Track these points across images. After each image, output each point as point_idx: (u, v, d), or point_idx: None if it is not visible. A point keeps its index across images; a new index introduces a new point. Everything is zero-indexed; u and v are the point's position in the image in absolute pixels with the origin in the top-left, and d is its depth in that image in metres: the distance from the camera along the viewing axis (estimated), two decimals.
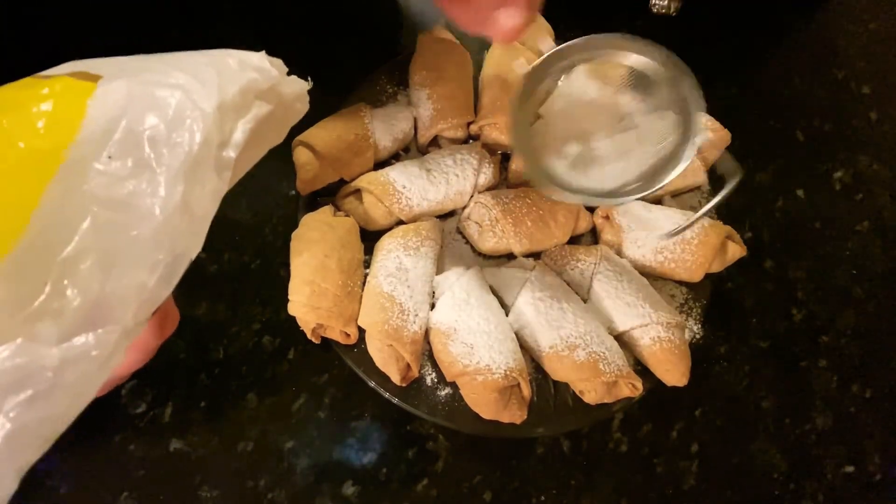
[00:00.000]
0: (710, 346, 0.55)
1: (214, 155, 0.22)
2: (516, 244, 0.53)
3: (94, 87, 0.22)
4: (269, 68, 0.25)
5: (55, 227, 0.20)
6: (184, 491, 0.48)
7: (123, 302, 0.21)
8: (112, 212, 0.21)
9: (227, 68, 0.24)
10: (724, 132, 0.57)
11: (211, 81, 0.23)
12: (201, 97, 0.22)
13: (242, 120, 0.23)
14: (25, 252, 0.19)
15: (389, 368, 0.48)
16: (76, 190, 0.20)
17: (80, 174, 0.21)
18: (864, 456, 0.53)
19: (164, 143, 0.21)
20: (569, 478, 0.50)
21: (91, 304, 0.20)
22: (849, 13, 0.73)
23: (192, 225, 0.22)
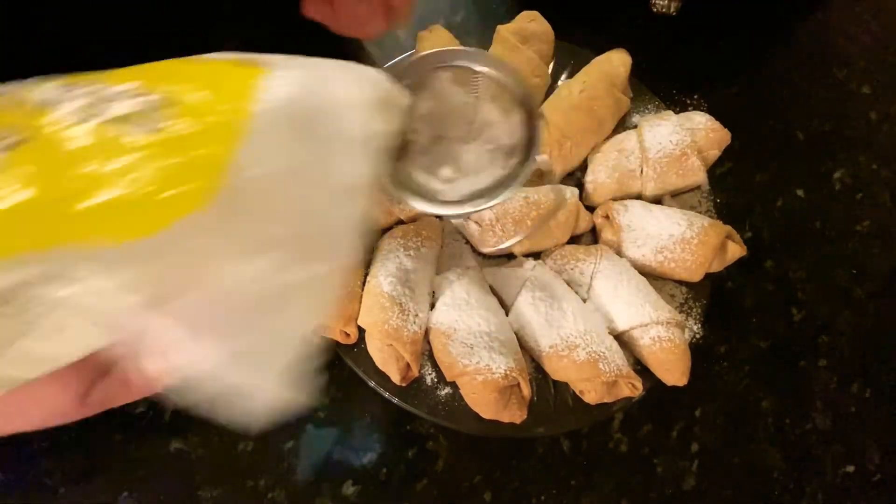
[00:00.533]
0: (710, 346, 0.55)
1: (373, 140, 0.26)
2: (516, 244, 0.53)
3: (271, 70, 0.24)
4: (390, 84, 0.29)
5: (253, 177, 0.22)
6: (184, 491, 0.48)
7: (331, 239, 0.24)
8: (295, 174, 0.23)
9: (371, 76, 0.28)
10: (724, 132, 0.57)
11: (366, 80, 0.27)
12: (363, 89, 0.26)
13: (384, 119, 0.27)
14: (236, 192, 0.21)
15: (389, 368, 0.48)
16: (265, 148, 0.22)
17: (267, 136, 0.22)
18: (864, 456, 0.53)
19: (335, 120, 0.24)
20: (569, 478, 0.50)
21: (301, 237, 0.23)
22: (849, 13, 0.73)
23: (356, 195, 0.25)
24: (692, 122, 0.57)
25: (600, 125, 0.57)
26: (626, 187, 0.56)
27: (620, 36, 0.68)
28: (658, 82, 0.63)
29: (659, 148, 0.55)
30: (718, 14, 0.71)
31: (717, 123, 0.57)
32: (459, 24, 0.68)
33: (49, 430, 0.49)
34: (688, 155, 0.55)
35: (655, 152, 0.55)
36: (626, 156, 0.56)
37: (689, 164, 0.55)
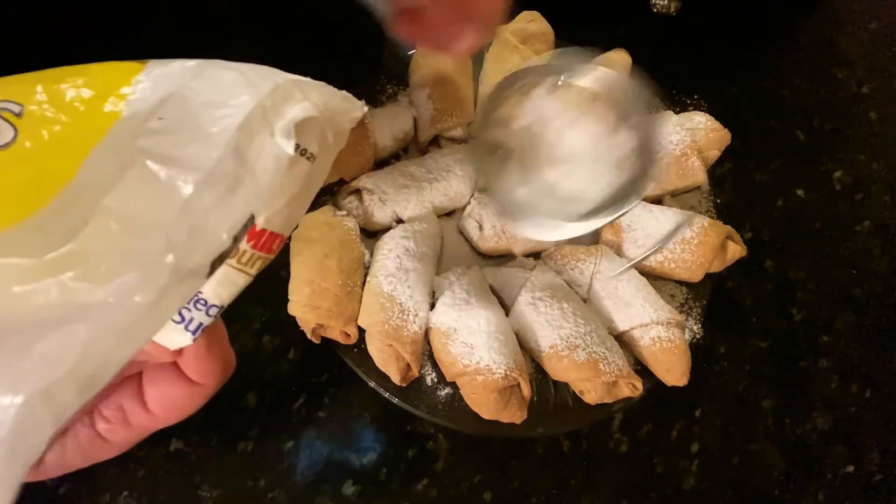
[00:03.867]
0: (710, 346, 0.55)
1: (270, 122, 0.23)
2: (516, 244, 0.53)
3: (145, 65, 0.23)
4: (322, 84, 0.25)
5: (102, 175, 0.20)
6: (184, 491, 0.48)
7: (172, 245, 0.20)
8: (162, 164, 0.21)
9: (279, 73, 0.24)
10: (724, 132, 0.57)
11: (265, 72, 0.24)
12: (257, 77, 0.23)
13: (296, 104, 0.24)
14: (70, 196, 0.20)
15: (389, 368, 0.48)
16: (127, 145, 0.21)
17: (131, 133, 0.21)
18: (864, 456, 0.53)
19: (217, 108, 0.22)
20: (569, 478, 0.50)
21: (135, 245, 0.20)
22: (849, 13, 0.73)
23: (254, 186, 0.22)
24: (692, 122, 0.57)
25: None
26: None
27: (620, 36, 0.68)
28: (658, 82, 0.63)
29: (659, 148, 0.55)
30: (718, 14, 0.71)
31: (717, 123, 0.57)
32: None
33: None
34: (688, 155, 0.55)
35: None
36: None
37: (689, 164, 0.55)
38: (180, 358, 0.26)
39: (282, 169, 0.23)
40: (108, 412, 0.28)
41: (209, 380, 0.27)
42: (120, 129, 0.21)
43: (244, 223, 0.22)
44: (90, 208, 0.20)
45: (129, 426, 0.28)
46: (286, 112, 0.23)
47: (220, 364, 0.27)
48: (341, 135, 0.27)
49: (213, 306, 0.25)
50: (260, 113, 0.22)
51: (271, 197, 0.23)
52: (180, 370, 0.27)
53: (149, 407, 0.28)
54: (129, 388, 0.28)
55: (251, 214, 0.22)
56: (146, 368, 0.28)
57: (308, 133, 0.24)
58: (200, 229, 0.21)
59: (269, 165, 0.22)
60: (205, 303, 0.24)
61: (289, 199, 0.24)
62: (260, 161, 0.22)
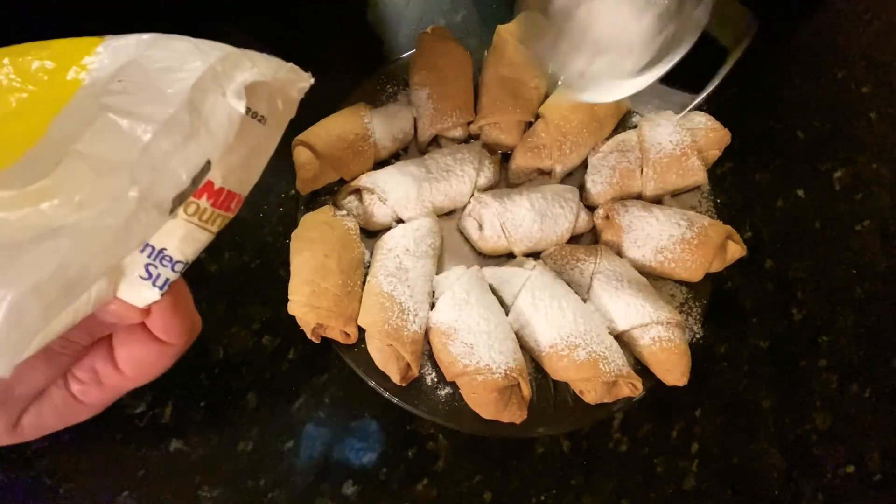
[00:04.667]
0: (710, 346, 0.55)
1: (222, 84, 0.25)
2: (516, 244, 0.53)
3: (104, 39, 0.25)
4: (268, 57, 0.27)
5: (70, 130, 0.23)
6: (184, 491, 0.48)
7: None
8: (123, 116, 0.23)
9: (228, 46, 0.26)
10: (724, 132, 0.57)
11: (215, 43, 0.26)
12: (207, 47, 0.25)
13: (245, 70, 0.26)
14: (42, 148, 0.22)
15: (389, 368, 0.48)
16: (91, 106, 0.23)
17: (94, 96, 0.23)
18: (864, 456, 0.53)
19: (172, 72, 0.24)
20: (569, 478, 0.50)
21: (103, 181, 0.22)
22: (849, 13, 0.73)
23: (210, 137, 0.24)
24: (692, 122, 0.57)
25: (600, 125, 0.57)
26: (626, 187, 0.56)
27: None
28: (658, 82, 0.63)
29: (659, 148, 0.55)
30: None
31: (717, 123, 0.57)
32: (459, 24, 0.68)
33: None
34: (688, 155, 0.55)
35: (655, 152, 0.55)
36: (627, 156, 0.56)
37: (689, 164, 0.55)
38: (148, 319, 0.28)
39: (234, 125, 0.25)
40: (81, 374, 0.29)
41: (177, 339, 0.29)
42: (83, 94, 0.23)
43: (201, 167, 0.24)
44: (62, 154, 0.22)
45: (101, 386, 0.30)
46: (236, 76, 0.25)
47: (187, 323, 0.29)
48: (290, 104, 0.29)
49: (178, 262, 0.27)
50: (211, 76, 0.25)
51: (225, 155, 0.25)
52: (149, 331, 0.29)
53: (120, 367, 0.29)
54: (100, 350, 0.29)
55: (207, 160, 0.25)
56: (116, 331, 0.29)
57: (258, 98, 0.26)
58: (161, 169, 0.23)
59: (222, 121, 0.25)
60: (170, 259, 0.26)
61: (243, 159, 0.27)
62: (213, 116, 0.25)
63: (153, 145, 0.23)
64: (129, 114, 0.23)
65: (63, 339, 0.26)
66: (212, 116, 0.25)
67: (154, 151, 0.23)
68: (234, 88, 0.25)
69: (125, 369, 0.30)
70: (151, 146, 0.23)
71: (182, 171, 0.24)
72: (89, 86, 0.24)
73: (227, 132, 0.25)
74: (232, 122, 0.25)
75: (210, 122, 0.25)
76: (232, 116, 0.25)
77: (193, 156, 0.24)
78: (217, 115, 0.25)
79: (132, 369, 0.30)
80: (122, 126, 0.23)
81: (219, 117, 0.25)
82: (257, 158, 0.29)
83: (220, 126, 0.25)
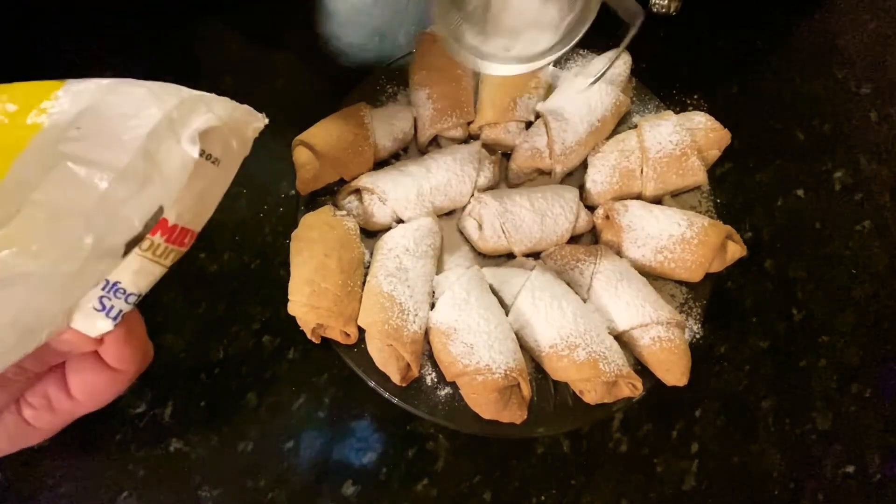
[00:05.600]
0: (710, 346, 0.55)
1: (177, 131, 0.26)
2: (516, 244, 0.53)
3: (64, 83, 0.26)
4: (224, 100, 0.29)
5: (28, 175, 0.24)
6: (184, 491, 0.48)
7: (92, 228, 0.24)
8: (81, 164, 0.24)
9: (184, 89, 0.28)
10: (724, 132, 0.57)
11: (172, 89, 0.27)
12: (164, 93, 0.27)
13: (200, 116, 0.27)
14: (3, 189, 0.23)
15: (389, 368, 0.48)
16: (50, 151, 0.24)
17: (53, 141, 0.24)
18: (864, 456, 0.53)
19: (129, 119, 0.25)
20: (569, 478, 0.50)
21: (60, 229, 0.24)
22: (849, 13, 0.73)
23: (164, 182, 0.26)
24: (692, 122, 0.57)
25: (600, 125, 0.57)
26: (626, 187, 0.56)
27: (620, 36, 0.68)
28: (658, 82, 0.63)
29: (659, 148, 0.55)
30: (718, 14, 0.71)
31: (717, 123, 0.57)
32: None
33: None
34: (688, 155, 0.55)
35: (655, 152, 0.55)
36: (627, 156, 0.56)
37: (689, 164, 0.55)
38: (101, 347, 0.29)
39: (187, 170, 0.26)
40: (34, 399, 0.30)
41: (128, 367, 0.30)
42: (43, 138, 0.24)
43: (154, 213, 0.26)
44: (20, 201, 0.23)
45: (53, 412, 0.30)
46: (191, 122, 0.27)
47: (139, 352, 0.30)
48: (245, 143, 0.30)
49: (131, 294, 0.28)
50: (167, 123, 0.26)
51: (179, 194, 0.27)
52: (101, 359, 0.29)
53: (72, 394, 0.30)
54: (53, 378, 0.30)
55: (160, 206, 0.26)
56: (69, 358, 0.30)
57: (212, 140, 0.28)
58: (115, 217, 0.25)
59: (175, 167, 0.26)
60: (123, 291, 0.27)
61: (196, 198, 0.28)
62: (168, 163, 0.26)
63: (109, 193, 0.24)
64: (87, 161, 0.24)
65: (17, 366, 0.27)
66: (166, 163, 0.26)
67: (110, 199, 0.24)
68: (189, 134, 0.26)
69: (77, 396, 0.30)
70: (108, 194, 0.24)
71: (135, 217, 0.25)
72: (48, 129, 0.25)
73: (181, 177, 0.26)
74: (185, 167, 0.26)
75: (164, 169, 0.26)
76: (186, 161, 0.26)
77: (147, 202, 0.26)
78: (171, 162, 0.26)
79: (84, 396, 0.30)
80: (80, 174, 0.24)
81: (173, 163, 0.26)
82: (211, 196, 0.30)
83: (174, 172, 0.26)
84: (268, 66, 0.63)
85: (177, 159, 0.26)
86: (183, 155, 0.26)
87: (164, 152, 0.26)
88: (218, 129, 0.28)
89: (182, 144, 0.26)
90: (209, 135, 0.27)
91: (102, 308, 0.27)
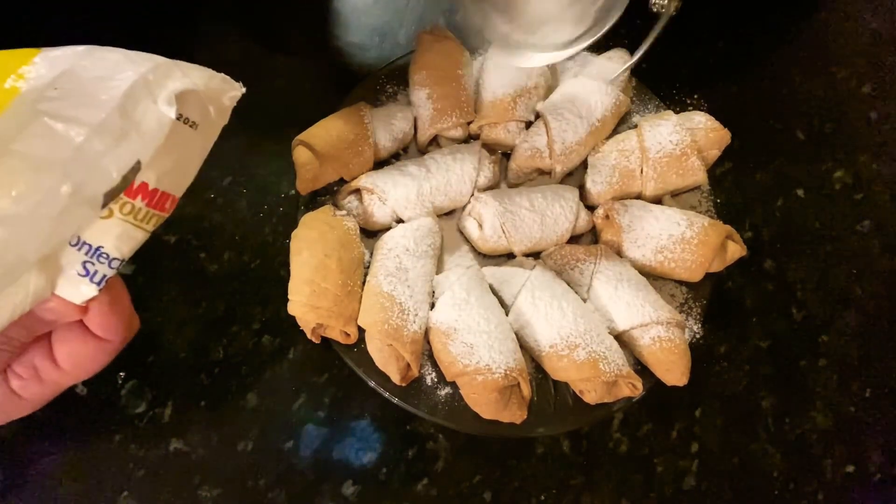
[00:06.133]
0: (710, 346, 0.55)
1: (153, 92, 0.27)
2: (516, 244, 0.53)
3: (41, 50, 0.27)
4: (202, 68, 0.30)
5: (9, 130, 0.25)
6: (184, 491, 0.48)
7: None
8: (58, 120, 0.25)
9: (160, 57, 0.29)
10: (724, 132, 0.57)
11: (147, 55, 0.28)
12: (139, 58, 0.28)
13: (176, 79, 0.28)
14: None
15: (389, 368, 0.48)
16: (28, 111, 0.25)
17: (32, 102, 0.25)
18: (864, 456, 0.53)
19: (105, 80, 0.26)
20: (569, 478, 0.50)
21: (38, 177, 0.25)
22: (849, 13, 0.73)
23: (141, 139, 0.27)
24: (692, 122, 0.57)
25: (600, 125, 0.57)
26: (626, 187, 0.56)
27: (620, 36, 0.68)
28: (658, 82, 0.63)
29: (659, 148, 0.55)
30: (718, 14, 0.71)
31: (717, 123, 0.57)
32: (460, 24, 0.68)
33: (49, 430, 0.49)
34: (688, 155, 0.55)
35: (655, 152, 0.55)
36: (627, 156, 0.56)
37: (689, 164, 0.55)
38: (86, 316, 0.29)
39: (164, 129, 0.27)
40: (21, 370, 0.30)
41: (114, 335, 0.30)
42: (21, 100, 0.25)
43: (132, 166, 0.27)
44: (1, 154, 0.24)
45: (41, 382, 0.31)
46: (167, 85, 0.28)
47: (124, 320, 0.30)
48: (222, 111, 0.31)
49: (114, 259, 0.28)
50: (143, 84, 0.27)
51: (158, 156, 0.27)
52: (87, 329, 0.30)
53: (59, 363, 0.31)
54: (40, 348, 0.30)
55: (137, 160, 0.27)
56: (56, 328, 0.30)
57: (189, 105, 0.29)
58: (93, 167, 0.26)
59: (152, 125, 0.27)
60: (107, 256, 0.28)
61: (176, 162, 0.29)
62: (145, 121, 0.27)
63: (86, 146, 0.25)
64: (64, 117, 0.25)
65: (2, 335, 0.27)
66: (143, 121, 0.27)
67: (87, 151, 0.25)
68: (165, 96, 0.27)
69: (64, 365, 0.31)
70: (84, 146, 0.25)
71: (113, 169, 0.26)
72: (27, 93, 0.26)
73: (158, 135, 0.27)
74: (162, 125, 0.27)
75: (141, 126, 0.27)
76: (162, 121, 0.27)
77: (124, 156, 0.26)
78: (148, 120, 0.27)
79: (71, 365, 0.31)
80: (57, 128, 0.25)
81: (149, 122, 0.27)
82: (191, 161, 0.30)
83: (151, 129, 0.27)
84: (268, 66, 0.63)
85: (153, 118, 0.27)
86: (159, 115, 0.27)
87: (140, 111, 0.27)
88: (195, 93, 0.29)
89: (158, 105, 0.27)
90: (186, 98, 0.28)
91: (87, 273, 0.27)
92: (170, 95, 0.27)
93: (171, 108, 0.27)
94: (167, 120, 0.27)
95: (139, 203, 0.28)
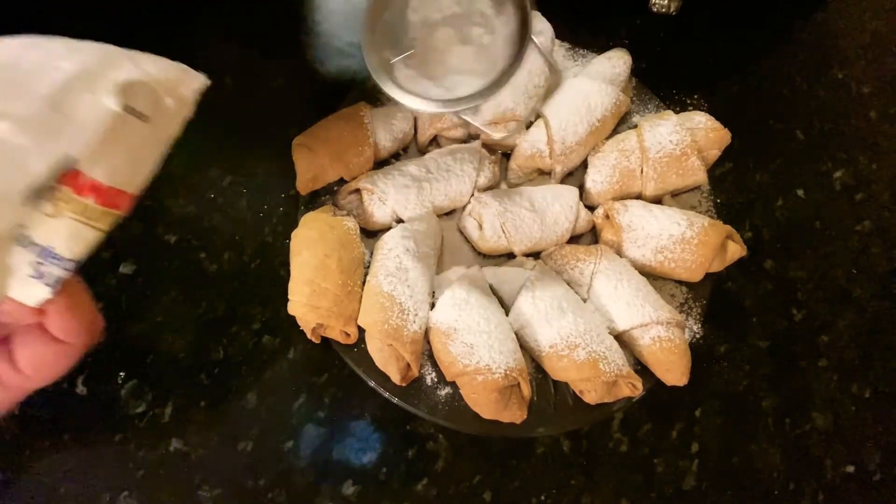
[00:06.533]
0: (710, 346, 0.55)
1: (95, 84, 0.26)
2: (516, 244, 0.53)
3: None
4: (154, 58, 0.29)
5: None
6: (184, 491, 0.48)
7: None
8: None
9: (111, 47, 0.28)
10: (724, 132, 0.57)
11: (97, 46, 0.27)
12: (85, 48, 0.27)
13: (122, 70, 0.27)
14: None
15: (389, 368, 0.48)
16: None
17: None
18: (864, 456, 0.53)
19: (42, 73, 0.26)
20: (569, 478, 0.50)
21: None
22: (849, 13, 0.73)
23: (75, 132, 0.26)
24: (692, 122, 0.57)
25: (600, 125, 0.57)
26: (626, 187, 0.56)
27: (620, 36, 0.68)
28: (658, 82, 0.63)
29: (659, 148, 0.55)
30: (718, 14, 0.71)
31: (717, 123, 0.57)
32: None
33: (49, 430, 0.49)
34: (688, 155, 0.55)
35: (655, 152, 0.55)
36: (627, 156, 0.56)
37: (689, 164, 0.55)
38: (46, 319, 0.28)
39: (105, 122, 0.26)
40: None
41: (75, 338, 0.29)
42: None
43: (60, 161, 0.25)
44: None
45: (3, 387, 0.30)
46: (111, 76, 0.26)
47: (85, 322, 0.29)
48: (183, 102, 0.30)
49: (67, 260, 0.27)
50: (84, 76, 0.26)
51: (106, 151, 0.26)
52: (48, 332, 0.29)
53: (20, 367, 0.30)
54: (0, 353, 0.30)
55: (68, 155, 0.26)
56: (14, 332, 0.29)
57: (139, 96, 0.27)
58: (15, 162, 0.25)
59: (91, 118, 0.26)
60: (59, 257, 0.27)
61: (128, 157, 0.28)
62: (80, 114, 0.26)
63: (8, 140, 0.24)
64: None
65: None
66: (80, 114, 0.26)
67: (9, 146, 0.24)
68: (107, 87, 0.26)
69: (25, 370, 0.30)
70: (5, 140, 0.24)
71: (41, 164, 0.25)
72: None
73: (96, 128, 0.26)
74: (103, 119, 0.26)
75: (76, 119, 0.26)
76: (102, 114, 0.26)
77: (53, 150, 0.25)
78: (84, 113, 0.26)
79: (33, 370, 0.30)
80: None
81: (87, 115, 0.26)
82: (144, 156, 0.29)
83: (88, 123, 0.26)
84: (267, 66, 0.63)
85: (92, 111, 0.26)
86: (100, 107, 0.26)
87: (77, 104, 0.26)
88: (145, 84, 0.27)
89: (98, 96, 0.26)
90: (135, 90, 0.27)
91: (38, 275, 0.27)
92: (112, 87, 0.26)
93: (113, 99, 0.26)
94: (107, 112, 0.26)
95: (89, 201, 0.27)
